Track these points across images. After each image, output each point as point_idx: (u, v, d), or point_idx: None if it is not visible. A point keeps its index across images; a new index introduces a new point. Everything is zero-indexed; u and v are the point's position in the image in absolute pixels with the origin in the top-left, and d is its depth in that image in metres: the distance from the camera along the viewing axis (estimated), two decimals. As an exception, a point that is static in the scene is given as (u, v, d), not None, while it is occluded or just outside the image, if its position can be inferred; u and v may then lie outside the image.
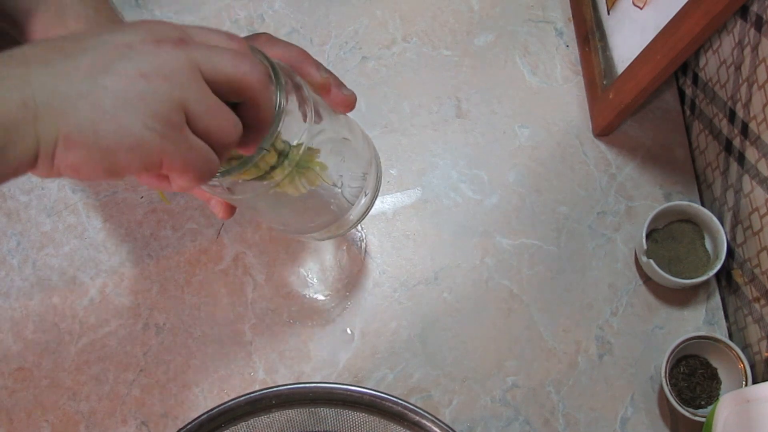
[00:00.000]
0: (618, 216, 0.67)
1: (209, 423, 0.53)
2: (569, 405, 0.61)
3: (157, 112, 0.35)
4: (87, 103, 0.34)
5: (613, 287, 0.65)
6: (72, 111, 0.34)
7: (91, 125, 0.34)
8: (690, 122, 0.69)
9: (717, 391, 0.61)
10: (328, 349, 0.63)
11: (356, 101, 0.48)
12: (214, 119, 0.37)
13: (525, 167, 0.68)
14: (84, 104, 0.34)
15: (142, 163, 0.36)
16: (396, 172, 0.68)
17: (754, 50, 0.55)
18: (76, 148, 0.34)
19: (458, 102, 0.70)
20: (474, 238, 0.66)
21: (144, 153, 0.35)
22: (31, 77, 0.34)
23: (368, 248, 0.65)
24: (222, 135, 0.37)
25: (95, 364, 0.62)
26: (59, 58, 0.35)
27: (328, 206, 0.49)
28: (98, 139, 0.34)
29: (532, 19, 0.73)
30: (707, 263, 0.63)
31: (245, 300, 0.63)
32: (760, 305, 0.58)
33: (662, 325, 0.64)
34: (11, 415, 0.60)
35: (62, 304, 0.63)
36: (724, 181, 0.63)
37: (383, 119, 0.69)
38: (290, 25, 0.72)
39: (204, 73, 0.36)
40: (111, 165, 0.35)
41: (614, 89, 0.64)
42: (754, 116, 0.56)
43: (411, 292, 0.64)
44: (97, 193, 0.66)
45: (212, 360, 0.62)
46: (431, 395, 0.62)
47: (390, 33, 0.72)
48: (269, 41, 0.46)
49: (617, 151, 0.69)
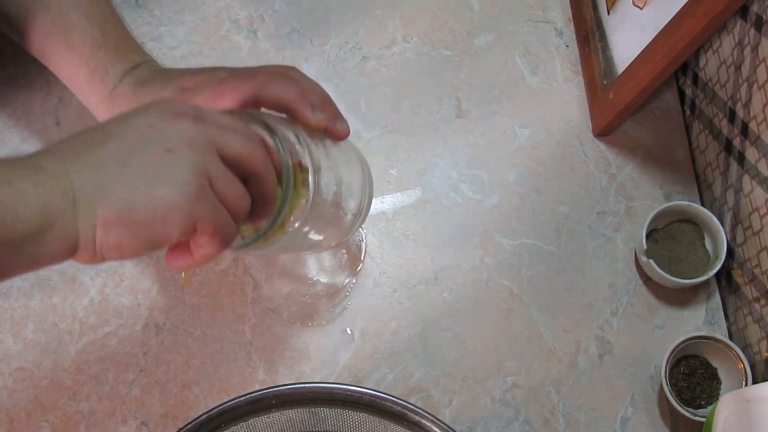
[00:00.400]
0: (618, 216, 0.67)
1: (209, 423, 0.53)
2: (569, 405, 0.61)
3: (187, 179, 0.37)
4: (119, 185, 0.37)
5: (613, 287, 0.65)
6: (107, 194, 0.36)
7: (126, 203, 0.37)
8: (690, 122, 0.69)
9: (717, 391, 0.61)
10: (328, 349, 0.63)
11: (350, 132, 0.50)
12: (229, 189, 0.39)
13: (525, 167, 0.68)
14: (117, 186, 0.37)
15: (179, 229, 0.38)
16: (396, 172, 0.68)
17: (754, 50, 0.55)
18: (115, 228, 0.37)
19: (458, 102, 0.70)
20: (474, 238, 0.66)
21: (179, 219, 0.38)
22: (67, 169, 0.36)
23: (368, 248, 0.65)
24: (236, 205, 0.40)
25: (95, 364, 0.62)
26: (90, 149, 0.37)
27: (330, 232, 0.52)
28: (134, 214, 0.37)
29: (532, 19, 0.73)
30: (707, 263, 0.63)
31: (245, 300, 0.63)
32: (760, 305, 0.58)
33: (662, 325, 0.64)
34: (11, 415, 0.60)
35: (62, 304, 0.63)
36: (724, 181, 0.63)
37: (383, 119, 0.69)
38: (290, 25, 0.72)
39: (218, 149, 0.39)
40: (150, 237, 0.38)
41: (614, 89, 0.64)
42: (754, 116, 0.56)
43: (411, 292, 0.64)
44: (97, 193, 0.66)
45: (212, 360, 0.62)
46: (431, 395, 0.62)
47: (390, 33, 0.72)
48: (267, 81, 0.48)
49: (617, 151, 0.69)
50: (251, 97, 0.47)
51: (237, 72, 0.50)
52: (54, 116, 0.68)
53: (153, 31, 0.71)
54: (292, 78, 0.49)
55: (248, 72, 0.49)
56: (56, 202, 0.35)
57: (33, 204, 0.35)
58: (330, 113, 0.48)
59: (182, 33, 0.71)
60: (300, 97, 0.47)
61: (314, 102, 0.47)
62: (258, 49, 0.71)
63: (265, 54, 0.70)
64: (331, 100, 0.50)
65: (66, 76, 0.55)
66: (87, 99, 0.55)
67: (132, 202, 0.37)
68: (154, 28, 0.71)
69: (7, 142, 0.67)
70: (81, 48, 0.53)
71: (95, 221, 0.36)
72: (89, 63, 0.53)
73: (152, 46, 0.70)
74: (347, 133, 0.50)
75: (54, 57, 0.54)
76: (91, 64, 0.53)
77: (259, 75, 0.48)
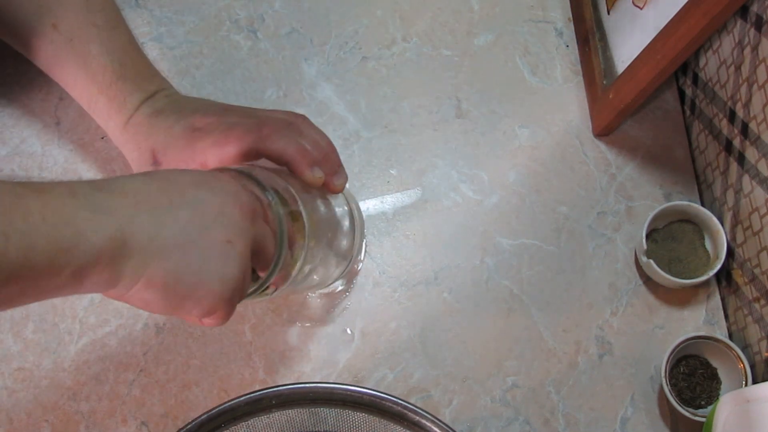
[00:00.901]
0: (618, 216, 0.67)
1: (209, 423, 0.53)
2: (569, 405, 0.61)
3: (235, 277, 0.41)
4: (179, 255, 0.38)
5: (613, 287, 0.65)
6: (163, 258, 0.38)
7: (177, 274, 0.38)
8: (690, 122, 0.69)
9: (717, 391, 0.61)
10: (328, 349, 0.63)
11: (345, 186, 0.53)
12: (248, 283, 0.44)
13: (525, 167, 0.68)
14: (177, 255, 0.38)
15: (202, 312, 0.41)
16: (396, 172, 0.68)
17: (754, 50, 0.55)
18: (156, 289, 0.38)
19: (458, 102, 0.70)
20: (474, 238, 0.66)
21: (207, 305, 0.40)
22: (134, 217, 0.37)
23: (368, 248, 0.65)
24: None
25: (95, 364, 0.62)
26: (164, 207, 0.39)
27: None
28: (178, 286, 0.39)
29: (532, 19, 0.73)
30: (707, 263, 0.63)
31: (245, 300, 0.63)
32: (760, 305, 0.58)
33: (662, 325, 0.64)
34: (11, 415, 0.60)
35: (62, 304, 0.63)
36: (724, 181, 0.63)
37: (383, 119, 0.69)
38: (290, 25, 0.72)
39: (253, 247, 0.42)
40: (177, 307, 0.40)
41: (614, 89, 0.64)
42: (754, 116, 0.56)
43: (411, 292, 0.64)
44: (97, 193, 0.66)
45: (212, 360, 0.62)
46: (431, 395, 0.62)
47: (390, 33, 0.72)
48: (271, 134, 0.50)
49: (617, 151, 0.69)
50: (254, 149, 0.50)
51: (245, 118, 0.53)
52: (54, 116, 0.68)
53: (153, 31, 0.71)
54: (297, 130, 0.52)
55: (255, 121, 0.52)
56: (110, 247, 0.36)
57: (87, 250, 0.35)
58: (329, 167, 0.52)
59: (182, 33, 0.71)
60: (300, 154, 0.50)
61: (315, 157, 0.51)
62: (258, 49, 0.71)
63: (265, 54, 0.70)
64: (333, 153, 0.53)
65: (85, 102, 0.58)
66: (104, 123, 0.58)
67: (182, 275, 0.39)
68: (154, 28, 0.71)
69: (7, 142, 0.67)
70: (100, 78, 0.56)
71: (141, 276, 0.37)
72: (107, 92, 0.56)
73: (152, 46, 0.70)
74: (341, 188, 0.53)
75: (73, 84, 0.57)
76: (109, 93, 0.56)
77: (265, 127, 0.51)
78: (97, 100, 0.56)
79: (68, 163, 0.67)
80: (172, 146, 0.52)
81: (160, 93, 0.57)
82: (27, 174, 0.66)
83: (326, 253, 0.54)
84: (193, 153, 0.51)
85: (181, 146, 0.52)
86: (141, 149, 0.54)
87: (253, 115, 0.53)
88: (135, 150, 0.55)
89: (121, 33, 0.58)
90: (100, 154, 0.67)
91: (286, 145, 0.50)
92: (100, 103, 0.56)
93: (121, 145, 0.57)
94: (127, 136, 0.56)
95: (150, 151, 0.54)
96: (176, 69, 0.70)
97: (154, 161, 0.54)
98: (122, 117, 0.56)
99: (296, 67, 0.70)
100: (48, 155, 0.67)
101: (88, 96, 0.57)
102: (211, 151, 0.50)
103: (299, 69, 0.70)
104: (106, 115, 0.57)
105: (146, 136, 0.54)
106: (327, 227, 0.53)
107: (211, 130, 0.52)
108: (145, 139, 0.54)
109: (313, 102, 0.69)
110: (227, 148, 0.50)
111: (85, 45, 0.56)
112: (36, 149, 0.67)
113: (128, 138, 0.56)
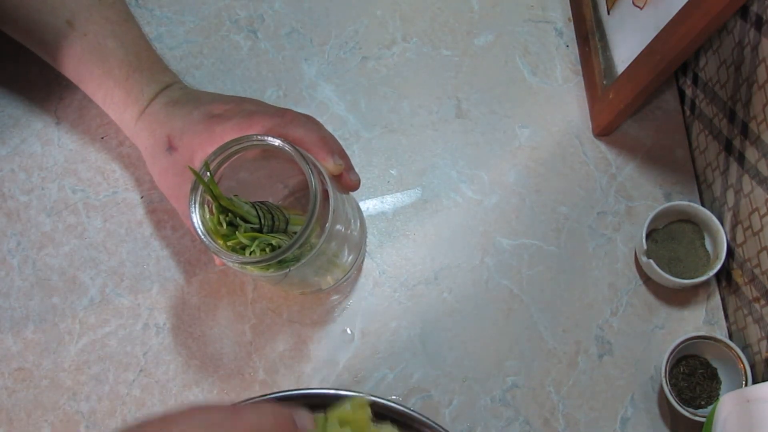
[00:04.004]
0: (618, 216, 0.67)
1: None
2: (569, 405, 0.61)
3: None
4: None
5: (613, 287, 0.65)
6: None
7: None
8: (690, 122, 0.69)
9: (717, 391, 0.61)
10: (328, 349, 0.63)
11: (359, 185, 0.53)
12: None
13: (525, 167, 0.68)
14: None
15: None
16: (396, 172, 0.68)
17: (754, 50, 0.55)
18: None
19: (458, 102, 0.70)
20: (474, 238, 0.66)
21: None
22: None
23: (368, 248, 0.65)
24: None
25: (95, 364, 0.62)
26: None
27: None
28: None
29: (532, 19, 0.73)
30: (707, 263, 0.63)
31: (245, 300, 0.63)
32: (760, 305, 0.58)
33: (662, 325, 0.64)
34: (11, 415, 0.60)
35: (62, 304, 0.63)
36: (724, 181, 0.63)
37: (383, 119, 0.69)
38: (290, 25, 0.72)
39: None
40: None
41: (614, 89, 0.64)
42: (754, 116, 0.56)
43: (411, 292, 0.64)
44: (97, 192, 0.66)
45: (212, 360, 0.62)
46: (431, 395, 0.62)
47: (390, 33, 0.72)
48: (293, 122, 0.51)
49: (617, 151, 0.69)
50: (276, 134, 0.49)
51: (264, 106, 0.53)
52: (54, 116, 0.68)
53: (153, 31, 0.71)
54: (315, 123, 0.52)
55: (276, 109, 0.52)
56: None
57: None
58: (346, 162, 0.52)
59: (182, 33, 0.71)
60: (322, 143, 0.50)
61: (334, 148, 0.51)
62: (258, 49, 0.71)
63: (265, 54, 0.70)
64: (346, 153, 0.53)
65: (100, 96, 0.58)
66: (118, 116, 0.58)
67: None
68: (154, 28, 0.71)
69: (7, 142, 0.67)
70: (117, 72, 0.56)
71: None
72: (124, 85, 0.56)
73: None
74: (357, 185, 0.53)
75: (88, 79, 0.58)
76: (126, 86, 0.56)
77: (288, 113, 0.51)
78: (113, 94, 0.57)
79: (68, 163, 0.67)
80: (190, 131, 0.53)
81: (175, 85, 0.58)
82: (27, 174, 0.67)
83: (344, 237, 0.54)
84: (211, 136, 0.51)
85: (199, 130, 0.52)
86: (156, 136, 0.55)
87: (271, 106, 0.54)
88: (150, 137, 0.55)
89: (133, 26, 0.59)
90: (100, 154, 0.67)
91: (309, 131, 0.50)
92: (116, 96, 0.57)
93: (134, 135, 0.57)
94: (142, 125, 0.56)
95: (165, 137, 0.54)
96: (176, 69, 0.69)
97: (170, 146, 0.54)
98: (138, 107, 0.56)
99: (296, 67, 0.70)
100: (48, 155, 0.67)
101: (104, 90, 0.57)
102: (231, 134, 0.50)
103: (299, 69, 0.70)
104: (121, 107, 0.57)
105: (162, 123, 0.54)
106: (344, 216, 0.53)
107: (231, 115, 0.52)
108: (161, 126, 0.54)
109: (313, 102, 0.69)
110: (250, 131, 0.50)
111: (101, 40, 0.56)
112: (36, 149, 0.67)
113: (143, 126, 0.56)
